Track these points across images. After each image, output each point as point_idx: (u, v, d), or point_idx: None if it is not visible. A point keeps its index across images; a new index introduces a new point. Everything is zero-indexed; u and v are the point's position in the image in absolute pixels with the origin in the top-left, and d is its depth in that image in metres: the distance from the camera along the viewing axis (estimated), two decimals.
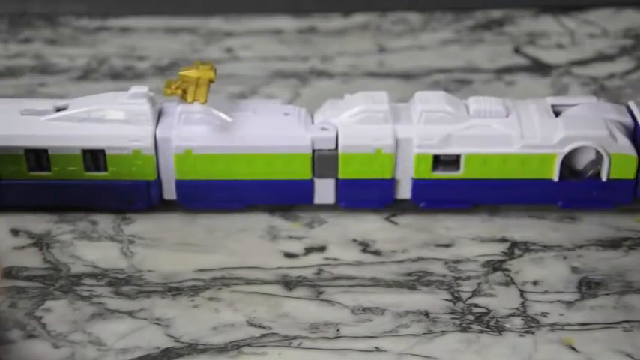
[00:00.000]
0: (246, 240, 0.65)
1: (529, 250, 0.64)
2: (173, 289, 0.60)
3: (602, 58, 0.89)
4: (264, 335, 0.57)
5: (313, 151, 0.65)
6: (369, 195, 0.67)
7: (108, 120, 0.65)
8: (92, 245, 0.65)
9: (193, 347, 0.56)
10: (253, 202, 0.67)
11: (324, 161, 0.65)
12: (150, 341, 0.56)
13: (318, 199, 0.67)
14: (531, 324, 0.58)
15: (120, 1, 0.98)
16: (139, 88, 0.65)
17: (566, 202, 0.67)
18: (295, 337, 0.57)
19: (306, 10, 0.98)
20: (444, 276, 0.62)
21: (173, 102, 0.67)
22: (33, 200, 0.66)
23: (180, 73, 0.65)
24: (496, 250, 0.64)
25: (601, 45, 0.92)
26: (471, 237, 0.65)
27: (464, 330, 0.57)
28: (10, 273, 0.62)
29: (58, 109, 0.66)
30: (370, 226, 0.67)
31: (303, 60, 0.89)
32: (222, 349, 0.56)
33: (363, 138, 0.65)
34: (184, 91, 0.64)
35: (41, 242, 0.65)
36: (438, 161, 0.65)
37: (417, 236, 0.66)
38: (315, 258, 0.63)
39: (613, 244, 0.65)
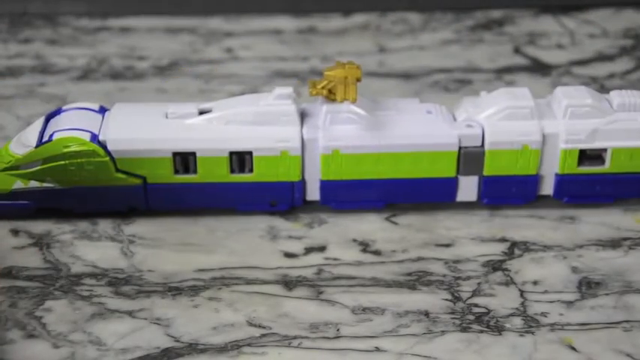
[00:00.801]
0: (246, 240, 0.65)
1: (529, 250, 0.64)
2: (173, 289, 0.60)
3: (602, 58, 0.90)
4: (264, 335, 0.57)
5: (460, 148, 0.65)
6: (512, 192, 0.67)
7: (254, 122, 0.64)
8: (92, 245, 0.65)
9: (193, 347, 0.56)
10: (395, 201, 0.67)
11: (470, 158, 0.65)
12: (150, 341, 0.56)
13: (461, 196, 0.67)
14: (531, 324, 0.58)
15: (120, 1, 0.98)
16: (284, 89, 0.65)
17: None
18: (295, 337, 0.57)
19: (306, 10, 0.98)
20: (444, 276, 0.62)
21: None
22: (178, 203, 0.66)
23: (326, 73, 0.64)
24: (496, 250, 0.64)
25: (601, 45, 0.92)
26: (471, 237, 0.65)
27: (464, 330, 0.57)
28: (10, 273, 0.62)
29: (202, 112, 0.65)
30: (370, 226, 0.67)
31: (303, 60, 0.89)
32: (222, 349, 0.56)
33: (511, 134, 0.65)
34: (330, 91, 0.64)
35: (41, 242, 0.65)
36: (583, 156, 0.66)
37: (417, 236, 0.66)
38: (315, 258, 0.63)
39: (613, 244, 0.65)
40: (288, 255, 0.64)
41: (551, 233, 0.66)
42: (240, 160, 0.65)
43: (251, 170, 0.65)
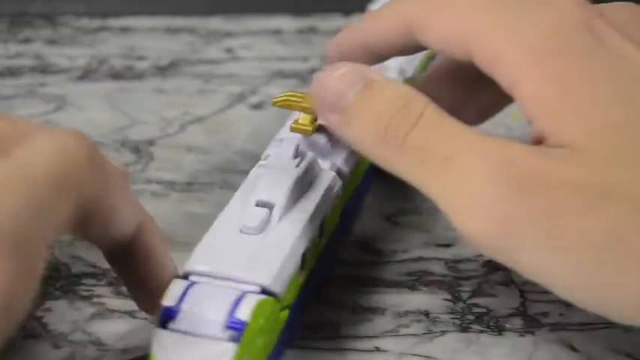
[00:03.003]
0: None
1: None
2: None
3: None
4: None
5: None
6: None
7: (302, 184, 0.56)
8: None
9: None
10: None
11: None
12: (150, 341, 0.56)
13: None
14: (531, 324, 0.58)
15: (120, 1, 0.98)
16: (292, 142, 0.58)
17: None
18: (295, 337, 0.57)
19: (306, 10, 0.98)
20: (444, 276, 0.62)
21: None
22: (302, 313, 0.56)
23: (304, 105, 0.57)
24: None
25: None
26: None
27: (464, 330, 0.57)
28: None
29: (262, 204, 0.55)
30: (370, 225, 0.67)
31: (303, 60, 0.89)
32: None
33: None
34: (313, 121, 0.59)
35: None
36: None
37: (417, 236, 0.66)
38: None
39: None
40: None
41: None
42: (320, 227, 0.57)
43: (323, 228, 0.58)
